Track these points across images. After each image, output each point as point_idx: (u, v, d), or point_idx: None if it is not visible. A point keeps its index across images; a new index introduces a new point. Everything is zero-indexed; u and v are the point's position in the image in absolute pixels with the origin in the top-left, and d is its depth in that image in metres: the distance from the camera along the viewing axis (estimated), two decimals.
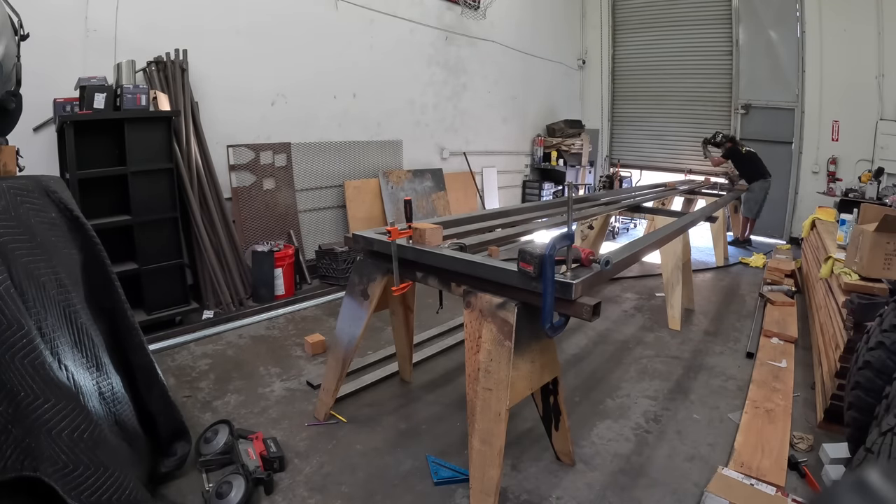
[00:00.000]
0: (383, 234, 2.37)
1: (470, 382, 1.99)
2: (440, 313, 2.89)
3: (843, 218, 4.05)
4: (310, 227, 5.37)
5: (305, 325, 4.09)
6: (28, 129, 3.48)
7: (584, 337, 3.97)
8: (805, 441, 2.58)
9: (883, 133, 7.18)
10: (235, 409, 2.80)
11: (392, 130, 6.24)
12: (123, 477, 1.73)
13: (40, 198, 1.87)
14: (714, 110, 8.85)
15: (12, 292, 1.56)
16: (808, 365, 3.46)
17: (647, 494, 2.23)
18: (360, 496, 2.17)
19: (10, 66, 1.94)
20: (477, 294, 1.99)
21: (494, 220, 3.18)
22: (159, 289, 3.80)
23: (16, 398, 1.54)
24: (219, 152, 4.52)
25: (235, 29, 4.57)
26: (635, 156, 9.72)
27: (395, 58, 6.14)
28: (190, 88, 4.20)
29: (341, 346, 2.61)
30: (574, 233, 1.87)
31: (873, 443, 1.63)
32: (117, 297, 2.10)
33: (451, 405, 2.91)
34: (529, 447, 2.53)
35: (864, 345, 2.24)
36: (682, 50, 8.99)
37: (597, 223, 4.73)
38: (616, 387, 3.21)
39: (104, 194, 3.58)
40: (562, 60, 9.40)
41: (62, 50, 3.60)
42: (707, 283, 5.68)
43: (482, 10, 7.15)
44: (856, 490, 0.45)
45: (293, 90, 5.09)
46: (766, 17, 8.09)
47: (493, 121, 7.94)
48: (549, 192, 8.63)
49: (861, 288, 2.91)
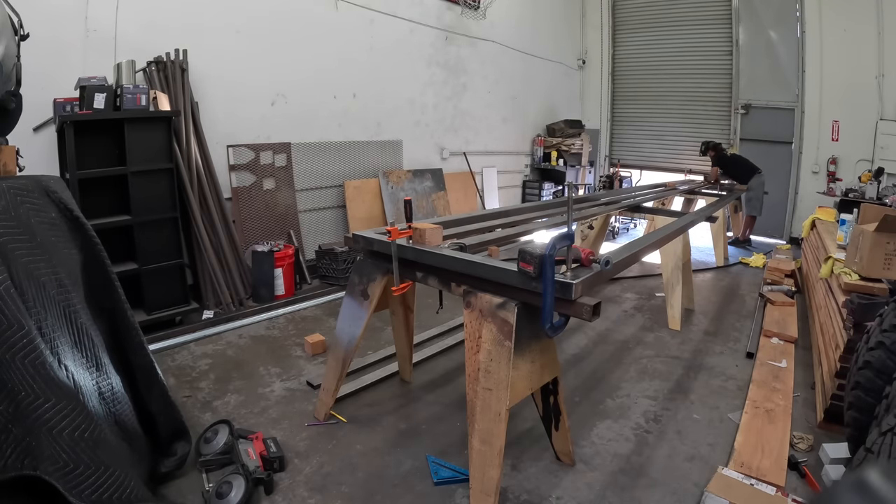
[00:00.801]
0: (383, 234, 2.37)
1: (470, 382, 1.99)
2: (440, 313, 2.89)
3: (843, 218, 4.05)
4: (310, 227, 5.37)
5: (305, 325, 4.09)
6: (28, 129, 3.48)
7: (584, 337, 3.97)
8: (805, 441, 2.58)
9: (883, 133, 7.19)
10: (235, 409, 2.80)
11: (392, 130, 6.25)
12: (124, 476, 1.73)
13: (40, 198, 1.87)
14: (714, 110, 8.86)
15: (12, 292, 1.56)
16: (808, 365, 3.46)
17: (647, 494, 2.23)
18: (360, 496, 2.17)
19: (10, 66, 1.94)
20: (477, 294, 1.99)
21: (494, 220, 3.18)
22: (159, 289, 3.79)
23: (16, 398, 1.54)
24: (219, 152, 4.52)
25: (235, 29, 4.57)
26: (635, 156, 9.72)
27: (395, 58, 6.14)
28: (190, 88, 4.20)
29: (341, 346, 2.61)
30: (574, 233, 1.87)
31: (873, 443, 1.63)
32: (117, 297, 2.10)
33: (451, 405, 2.91)
34: (529, 447, 2.53)
35: (864, 345, 2.24)
36: (682, 50, 9.00)
37: (597, 223, 4.73)
38: (616, 387, 3.21)
39: (104, 194, 3.58)
40: (562, 60, 9.40)
41: (62, 50, 3.60)
42: (707, 283, 5.68)
43: (482, 10, 7.15)
44: (856, 490, 0.45)
45: (293, 90, 5.09)
46: (766, 17, 8.10)
47: (493, 121, 7.94)
48: (549, 192, 8.63)
49: (861, 288, 2.91)
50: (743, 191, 7.12)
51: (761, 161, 7.42)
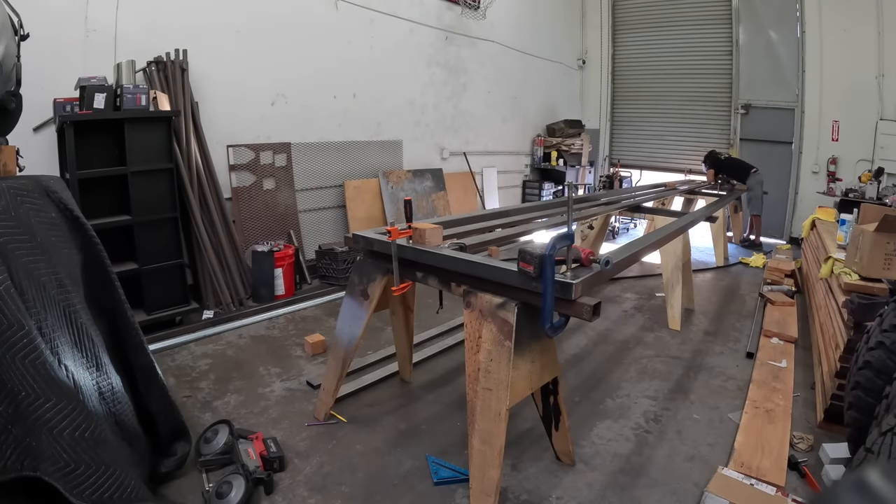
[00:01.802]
0: (383, 234, 2.37)
1: (470, 382, 1.99)
2: (440, 313, 2.89)
3: (843, 218, 4.05)
4: (310, 227, 5.37)
5: (305, 325, 4.09)
6: (28, 129, 3.48)
7: (584, 337, 3.97)
8: (805, 441, 2.58)
9: (883, 133, 7.19)
10: (235, 409, 2.80)
11: (392, 130, 6.25)
12: (125, 475, 1.73)
13: (40, 198, 1.87)
14: (714, 110, 8.86)
15: (12, 292, 1.56)
16: (808, 365, 3.46)
17: (647, 494, 2.23)
18: (360, 496, 2.17)
19: (10, 66, 1.94)
20: (477, 294, 1.99)
21: (494, 220, 3.18)
22: (159, 289, 3.79)
23: (16, 398, 1.54)
24: (219, 152, 4.52)
25: (235, 29, 4.57)
26: (635, 156, 9.72)
27: (395, 58, 6.14)
28: (190, 88, 4.20)
29: (341, 345, 2.61)
30: (574, 233, 1.87)
31: (873, 443, 1.63)
32: (117, 296, 2.10)
33: (451, 405, 2.91)
34: (529, 447, 2.53)
35: (864, 345, 2.24)
36: (682, 50, 9.00)
37: (597, 223, 4.73)
38: (616, 387, 3.21)
39: (104, 194, 3.58)
40: (562, 60, 9.40)
41: (62, 50, 3.60)
42: (707, 283, 5.68)
43: (482, 10, 7.15)
44: (856, 490, 0.45)
45: (293, 90, 5.09)
46: (766, 17, 8.10)
47: (493, 121, 7.94)
48: (549, 192, 8.63)
49: (861, 288, 2.91)
50: (744, 190, 7.13)
51: (761, 161, 7.43)
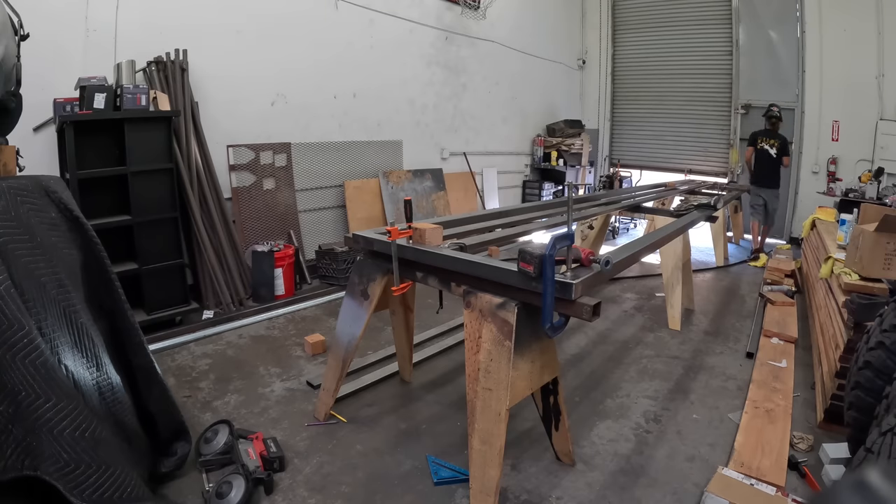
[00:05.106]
0: (383, 234, 2.37)
1: (470, 382, 1.99)
2: (440, 313, 2.89)
3: (843, 218, 4.04)
4: (310, 227, 5.37)
5: (305, 325, 4.09)
6: (28, 129, 3.47)
7: (584, 337, 3.97)
8: (805, 441, 2.58)
9: (883, 133, 7.18)
10: (235, 409, 2.80)
11: (392, 130, 6.24)
12: (125, 475, 1.73)
13: (40, 198, 1.87)
14: (714, 110, 8.85)
15: (12, 292, 1.56)
16: (808, 365, 3.46)
17: (647, 494, 2.23)
18: (360, 496, 2.17)
19: (10, 66, 1.94)
20: (477, 294, 1.99)
21: (494, 220, 3.17)
22: (159, 289, 3.79)
23: (17, 398, 1.54)
24: (219, 152, 4.52)
25: (235, 28, 4.57)
26: (635, 156, 9.72)
27: (395, 58, 6.13)
28: (190, 88, 4.20)
29: (341, 346, 2.61)
30: (574, 233, 1.87)
31: (873, 443, 1.63)
32: (117, 297, 2.10)
33: (451, 405, 2.91)
34: (529, 447, 2.53)
35: (864, 345, 2.24)
36: (682, 50, 8.99)
37: (597, 223, 4.73)
38: (616, 387, 3.21)
39: (104, 194, 3.58)
40: (562, 60, 9.40)
41: (62, 50, 3.59)
42: (707, 283, 5.68)
43: (482, 10, 7.15)
44: (856, 490, 0.45)
45: (293, 90, 5.09)
46: (766, 17, 8.09)
47: (493, 121, 7.93)
48: (549, 192, 8.62)
49: (861, 288, 2.91)
50: (745, 190, 7.09)
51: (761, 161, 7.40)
